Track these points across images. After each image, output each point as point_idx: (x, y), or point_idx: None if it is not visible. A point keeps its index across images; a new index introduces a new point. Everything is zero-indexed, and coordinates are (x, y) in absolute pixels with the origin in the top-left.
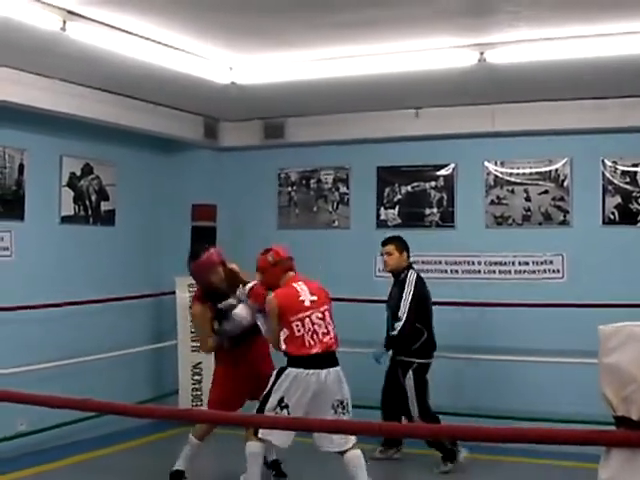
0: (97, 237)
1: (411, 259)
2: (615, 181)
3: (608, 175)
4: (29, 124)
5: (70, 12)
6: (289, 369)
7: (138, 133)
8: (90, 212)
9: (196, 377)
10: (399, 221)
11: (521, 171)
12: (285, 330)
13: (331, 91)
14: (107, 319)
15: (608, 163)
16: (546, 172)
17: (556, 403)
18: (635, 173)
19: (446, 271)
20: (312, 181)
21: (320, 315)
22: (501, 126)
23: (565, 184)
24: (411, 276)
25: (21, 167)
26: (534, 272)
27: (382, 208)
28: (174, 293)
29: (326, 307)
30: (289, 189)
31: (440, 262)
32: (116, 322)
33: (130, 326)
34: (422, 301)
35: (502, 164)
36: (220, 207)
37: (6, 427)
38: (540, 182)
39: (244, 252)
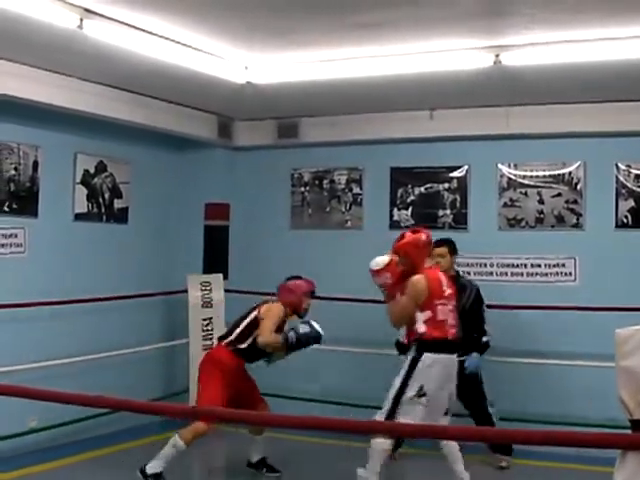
0: (110, 235)
1: None
2: (628, 184)
3: (621, 178)
4: (44, 121)
5: (87, 10)
6: (425, 355)
7: (152, 131)
8: (103, 210)
9: None
10: (412, 222)
11: (534, 173)
12: (428, 312)
13: (345, 91)
14: (119, 317)
15: (622, 166)
16: (559, 175)
17: (567, 406)
18: None
19: (458, 273)
20: (325, 181)
21: (451, 308)
22: (515, 128)
23: (578, 187)
24: (474, 285)
25: (35, 164)
26: (546, 275)
27: (395, 209)
28: (186, 291)
29: (455, 303)
30: (302, 189)
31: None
32: (128, 320)
33: (142, 324)
34: None
35: (515, 166)
36: (233, 206)
37: (18, 423)
38: (553, 185)
39: (257, 252)
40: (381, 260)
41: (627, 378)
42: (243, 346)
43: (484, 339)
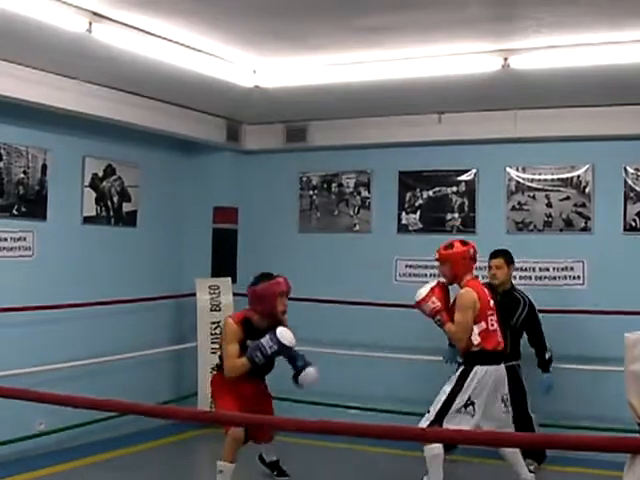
0: (119, 238)
1: (428, 265)
2: (637, 188)
3: (630, 182)
4: (52, 125)
5: (96, 14)
6: (476, 368)
7: (161, 135)
8: (112, 213)
9: None
10: (420, 226)
11: (543, 177)
12: (482, 323)
13: (354, 95)
14: (127, 320)
15: (630, 170)
16: (568, 178)
17: (575, 409)
18: None
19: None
20: (333, 185)
21: (495, 319)
22: (523, 132)
23: (587, 190)
24: (527, 298)
25: (44, 167)
26: (555, 278)
27: (403, 213)
28: (194, 295)
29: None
30: (310, 193)
31: None
32: (136, 323)
33: (150, 327)
34: None
35: (524, 170)
36: (241, 210)
37: (26, 426)
38: (562, 188)
39: (264, 255)
40: (423, 290)
41: (636, 382)
42: None
43: (547, 356)
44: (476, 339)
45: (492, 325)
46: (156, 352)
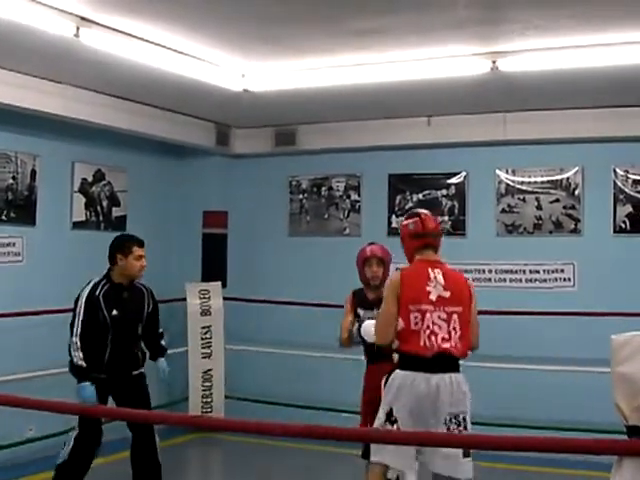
0: (108, 243)
1: None
2: (626, 190)
3: (619, 184)
4: (41, 130)
5: (84, 19)
6: (396, 372)
7: (150, 139)
8: (101, 218)
9: (206, 384)
10: None
11: (532, 179)
12: (401, 321)
13: (343, 99)
14: None
15: (619, 172)
16: (557, 180)
17: (566, 411)
18: None
19: None
20: (323, 188)
21: (444, 316)
22: (513, 134)
23: (576, 192)
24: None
25: (33, 173)
26: (545, 280)
27: (393, 216)
28: (185, 299)
29: (457, 309)
30: (300, 196)
31: None
32: None
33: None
34: None
35: (513, 172)
36: (231, 214)
37: (15, 433)
38: (551, 190)
39: (255, 259)
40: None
41: (623, 384)
42: None
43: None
44: (394, 340)
45: (415, 324)
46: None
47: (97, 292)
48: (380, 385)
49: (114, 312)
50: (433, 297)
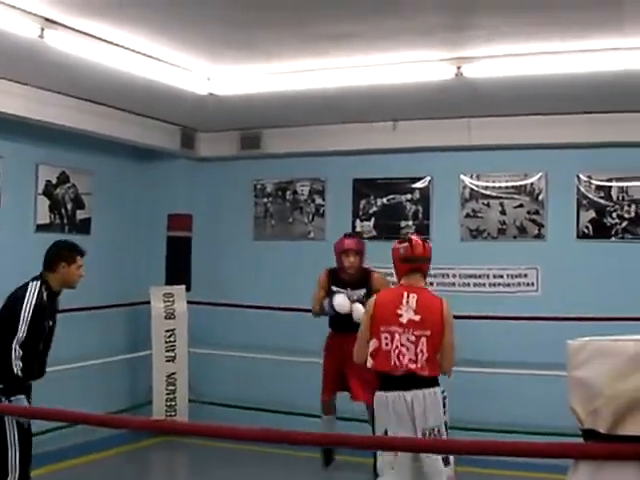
0: None
1: (385, 272)
2: (590, 195)
3: (583, 189)
4: (5, 132)
5: (48, 20)
6: (377, 394)
7: (115, 142)
8: (66, 220)
9: (170, 387)
10: (374, 233)
11: (497, 184)
12: (374, 340)
13: (308, 103)
14: (81, 328)
15: (583, 178)
16: (521, 186)
17: (530, 415)
18: (609, 188)
19: None
20: (288, 192)
21: (413, 339)
22: (477, 140)
23: (540, 198)
24: None
25: None
26: (509, 285)
27: (358, 220)
28: (149, 303)
29: (426, 333)
30: (265, 200)
31: None
32: (90, 331)
33: (104, 336)
34: None
35: (478, 177)
36: (196, 217)
37: None
38: (515, 196)
39: (219, 263)
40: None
41: (579, 389)
42: None
43: None
44: (368, 359)
45: (386, 345)
46: (110, 360)
47: (44, 299)
48: (345, 355)
49: (50, 322)
50: (404, 320)
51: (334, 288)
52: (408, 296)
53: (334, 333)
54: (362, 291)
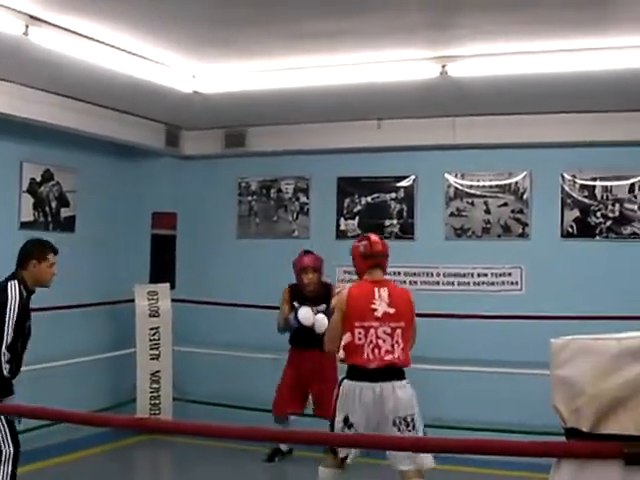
0: (57, 243)
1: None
2: (574, 195)
3: (567, 189)
4: None
5: (33, 17)
6: (344, 382)
7: (99, 140)
8: (50, 218)
9: (154, 385)
10: (359, 232)
11: (481, 183)
12: (348, 335)
13: (293, 101)
14: (65, 326)
15: (567, 177)
16: (506, 185)
17: (514, 413)
18: (593, 187)
19: (405, 282)
20: (272, 191)
21: (388, 331)
22: (462, 139)
23: (524, 197)
24: None
25: None
26: (493, 284)
27: (342, 219)
28: (133, 301)
29: (400, 324)
30: (249, 198)
31: (399, 273)
32: (74, 329)
33: (88, 334)
34: None
35: (462, 176)
36: (180, 215)
37: None
38: (500, 194)
39: (204, 261)
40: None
41: (562, 387)
42: None
43: None
44: (340, 351)
45: (359, 339)
46: (94, 359)
47: (24, 298)
48: (309, 370)
49: (28, 322)
50: (379, 314)
51: (296, 304)
52: (379, 290)
53: (294, 349)
54: (323, 306)
